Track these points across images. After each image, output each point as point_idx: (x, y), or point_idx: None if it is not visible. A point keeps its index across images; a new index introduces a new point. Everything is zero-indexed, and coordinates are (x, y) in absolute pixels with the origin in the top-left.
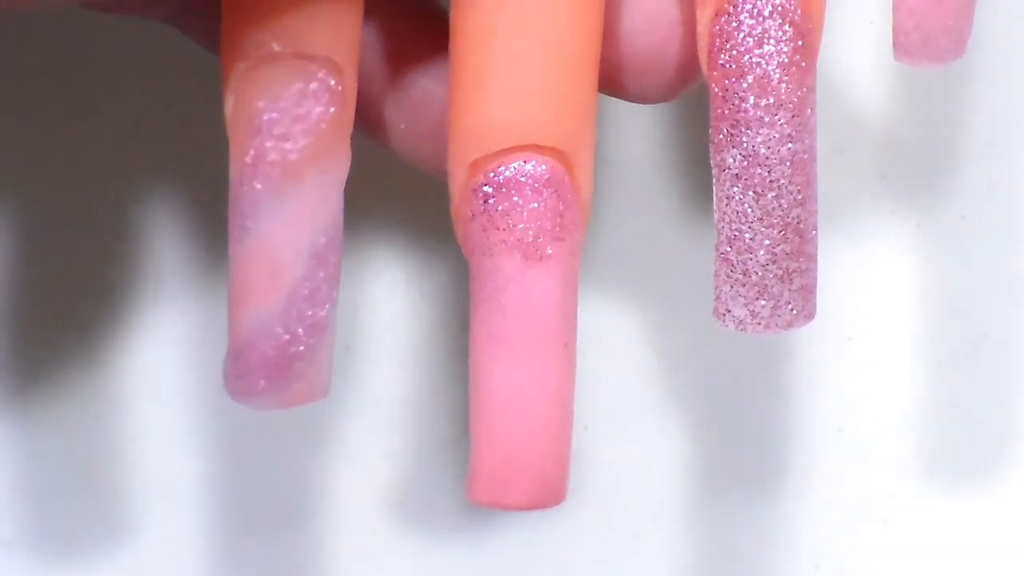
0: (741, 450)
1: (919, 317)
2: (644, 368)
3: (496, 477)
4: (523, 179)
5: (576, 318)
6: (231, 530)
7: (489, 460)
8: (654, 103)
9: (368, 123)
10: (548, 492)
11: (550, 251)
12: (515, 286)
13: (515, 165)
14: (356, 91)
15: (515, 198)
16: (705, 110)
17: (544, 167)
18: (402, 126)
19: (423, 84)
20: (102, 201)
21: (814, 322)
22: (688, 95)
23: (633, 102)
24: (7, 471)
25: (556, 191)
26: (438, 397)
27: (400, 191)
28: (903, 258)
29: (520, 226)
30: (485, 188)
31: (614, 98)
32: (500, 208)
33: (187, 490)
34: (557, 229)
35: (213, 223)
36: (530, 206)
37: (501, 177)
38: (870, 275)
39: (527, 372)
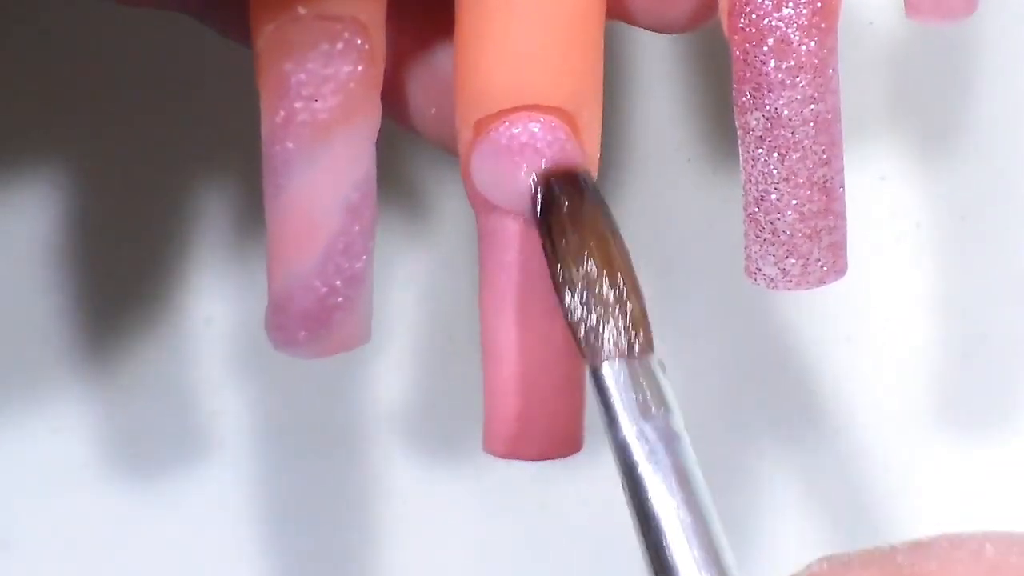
0: (740, 450)
1: (919, 317)
2: None
3: (509, 430)
4: (525, 139)
5: None
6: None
7: (501, 414)
8: (674, 32)
9: (394, 107)
10: (562, 443)
11: None
12: (520, 244)
13: (517, 125)
14: (384, 47)
15: (517, 158)
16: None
17: (546, 127)
18: (432, 110)
19: (451, 69)
20: (144, 195)
21: (814, 322)
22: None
23: (652, 30)
24: (7, 470)
25: (559, 150)
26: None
27: (398, 191)
28: (903, 258)
29: None
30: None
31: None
32: None
33: (191, 493)
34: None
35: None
36: None
37: (503, 137)
38: (870, 275)
39: (534, 328)
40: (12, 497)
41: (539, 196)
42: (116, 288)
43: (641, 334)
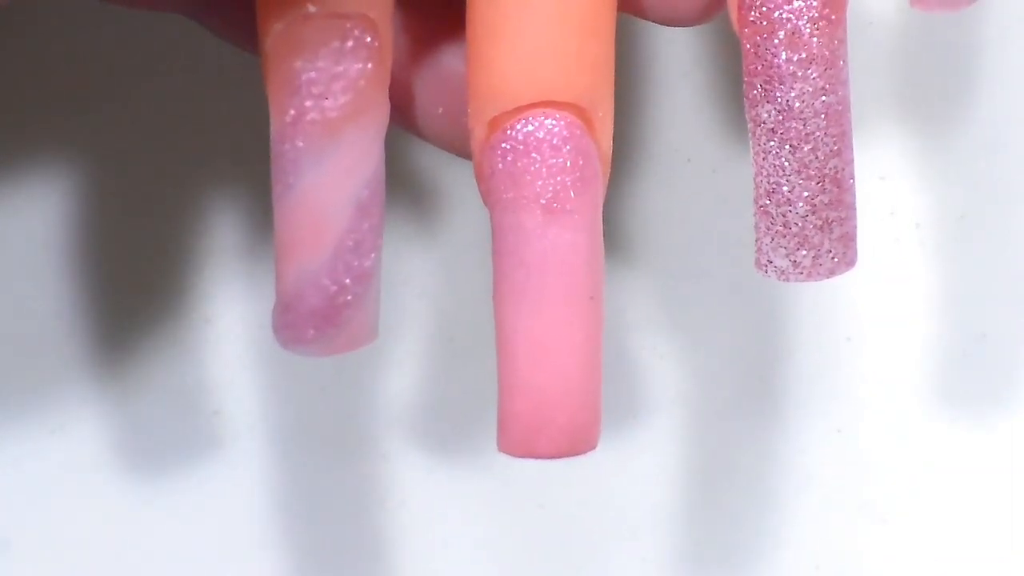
0: (741, 450)
1: (919, 317)
2: (643, 367)
3: (525, 429)
4: (541, 135)
5: (602, 270)
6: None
7: (517, 412)
8: (685, 25)
9: (398, 108)
10: (578, 441)
11: (570, 206)
12: (536, 241)
13: (533, 122)
14: (392, 44)
15: (534, 155)
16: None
17: (562, 123)
18: (439, 111)
19: (460, 67)
20: (152, 195)
21: (814, 322)
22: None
23: (662, 24)
24: (7, 470)
25: (575, 146)
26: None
27: (396, 190)
28: (903, 258)
29: (539, 182)
30: (504, 145)
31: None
32: (519, 164)
33: (193, 492)
34: (577, 184)
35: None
36: (549, 162)
37: (519, 134)
38: (870, 275)
39: (551, 325)
40: (12, 497)
41: None
42: (118, 289)
43: None
